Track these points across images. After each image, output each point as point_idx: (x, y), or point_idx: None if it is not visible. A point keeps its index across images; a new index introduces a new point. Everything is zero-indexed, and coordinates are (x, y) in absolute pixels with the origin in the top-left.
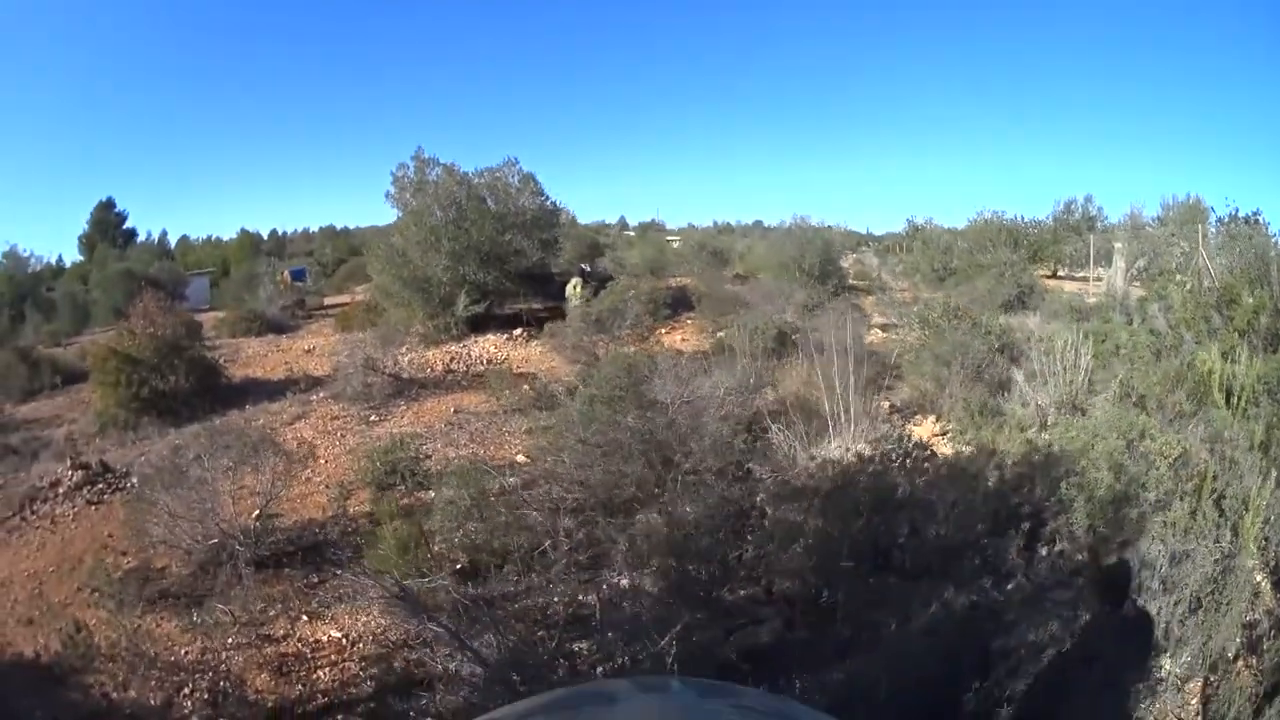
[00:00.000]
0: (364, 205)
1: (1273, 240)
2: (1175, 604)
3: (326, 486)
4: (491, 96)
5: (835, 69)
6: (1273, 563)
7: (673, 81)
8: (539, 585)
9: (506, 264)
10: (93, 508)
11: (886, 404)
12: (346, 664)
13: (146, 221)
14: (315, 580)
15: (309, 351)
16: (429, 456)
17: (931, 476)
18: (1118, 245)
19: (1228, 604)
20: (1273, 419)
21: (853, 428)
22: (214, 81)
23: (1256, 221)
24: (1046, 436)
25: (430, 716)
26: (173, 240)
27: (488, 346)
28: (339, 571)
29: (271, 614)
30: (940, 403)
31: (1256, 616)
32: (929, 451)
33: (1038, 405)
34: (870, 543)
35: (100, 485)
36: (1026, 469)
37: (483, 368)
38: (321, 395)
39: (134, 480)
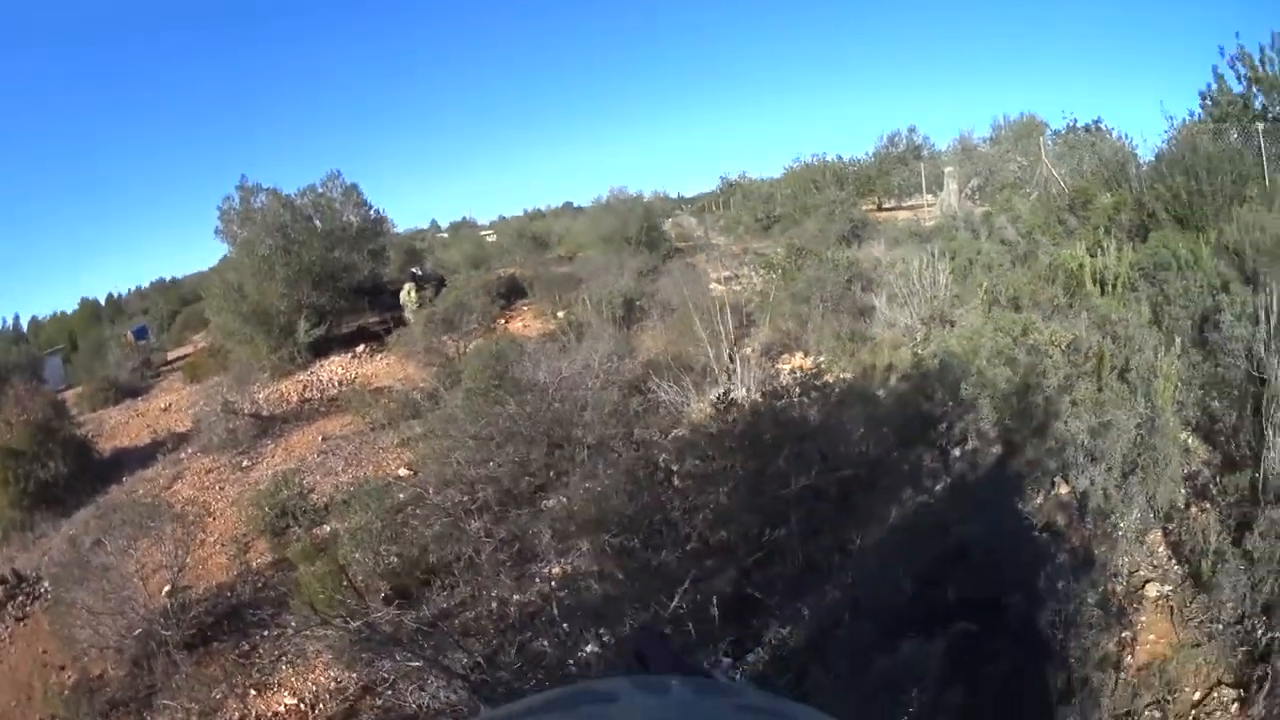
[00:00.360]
0: (189, 251)
1: (1123, 143)
2: (1108, 470)
3: (222, 545)
4: (300, 112)
5: (624, 38)
6: (1194, 421)
7: (461, 78)
8: (474, 595)
9: (339, 281)
10: (21, 624)
11: (749, 349)
12: None
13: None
14: (247, 648)
15: (166, 409)
16: (312, 490)
17: (832, 404)
18: (948, 169)
19: (1164, 461)
20: (1156, 298)
21: (739, 372)
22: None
23: (1099, 129)
24: (932, 347)
25: None
26: (25, 323)
27: (335, 368)
28: (282, 631)
29: (218, 696)
30: (805, 339)
31: (1195, 468)
32: (823, 381)
33: (905, 325)
34: (792, 474)
35: (20, 598)
36: (919, 380)
37: (336, 390)
38: (190, 451)
39: (46, 584)
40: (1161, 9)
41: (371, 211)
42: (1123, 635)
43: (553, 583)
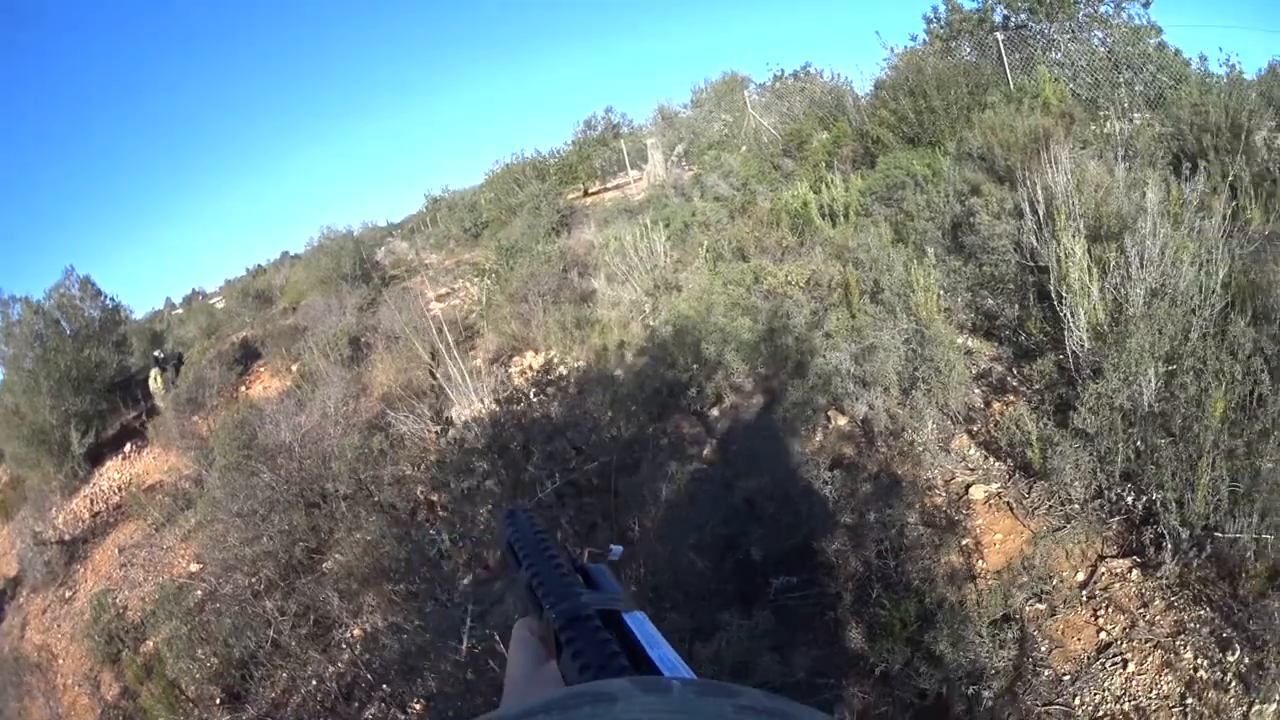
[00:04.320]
0: None
1: (836, 81)
2: (885, 391)
3: (79, 684)
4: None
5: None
6: (969, 324)
7: (153, 144)
8: (290, 678)
9: (94, 382)
10: None
11: (478, 360)
12: None
13: None
14: None
15: None
16: (125, 609)
17: (571, 395)
18: (650, 141)
19: (946, 368)
20: (895, 218)
21: (469, 385)
22: None
23: (808, 74)
24: (663, 315)
25: None
26: None
27: (112, 474)
28: None
29: None
30: (532, 336)
31: (985, 367)
32: (555, 375)
33: (630, 300)
34: (546, 476)
35: None
36: (656, 351)
37: (118, 497)
38: (25, 594)
39: None
40: None
41: (107, 301)
42: (963, 543)
43: (356, 646)
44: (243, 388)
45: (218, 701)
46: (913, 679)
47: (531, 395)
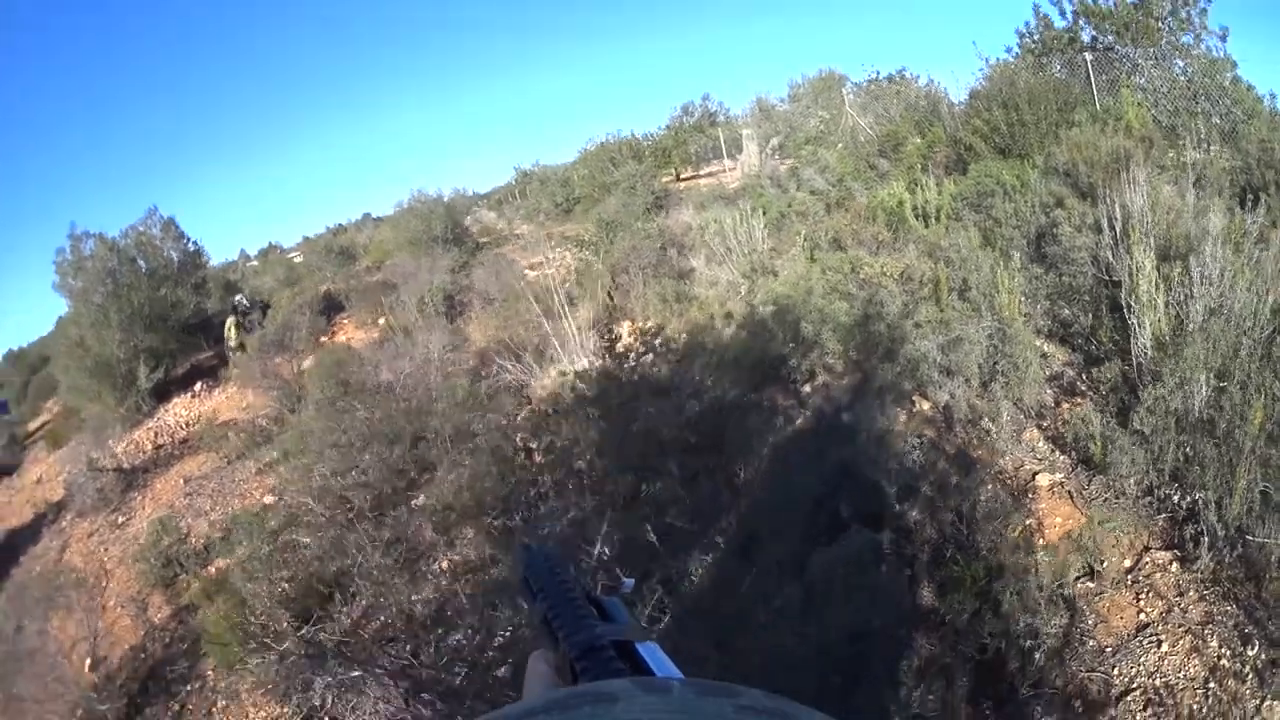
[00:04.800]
0: (29, 315)
1: (931, 87)
2: (966, 382)
3: (123, 606)
4: (98, 146)
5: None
6: (1045, 329)
7: (252, 101)
8: (375, 601)
9: (169, 321)
10: None
11: (577, 325)
12: None
13: None
14: (177, 708)
15: (39, 481)
16: (189, 534)
17: (676, 359)
18: (745, 132)
19: (1023, 365)
20: (984, 223)
21: (577, 345)
22: None
23: (903, 78)
24: (762, 295)
25: None
26: None
27: (179, 410)
28: (204, 682)
29: None
30: (630, 308)
31: (1057, 370)
32: (664, 337)
33: (728, 281)
34: (655, 429)
35: None
36: (756, 326)
37: (185, 432)
38: (69, 518)
39: None
40: None
41: (189, 244)
42: (1027, 522)
43: (443, 578)
44: (324, 337)
45: (284, 624)
46: (977, 631)
47: (639, 353)
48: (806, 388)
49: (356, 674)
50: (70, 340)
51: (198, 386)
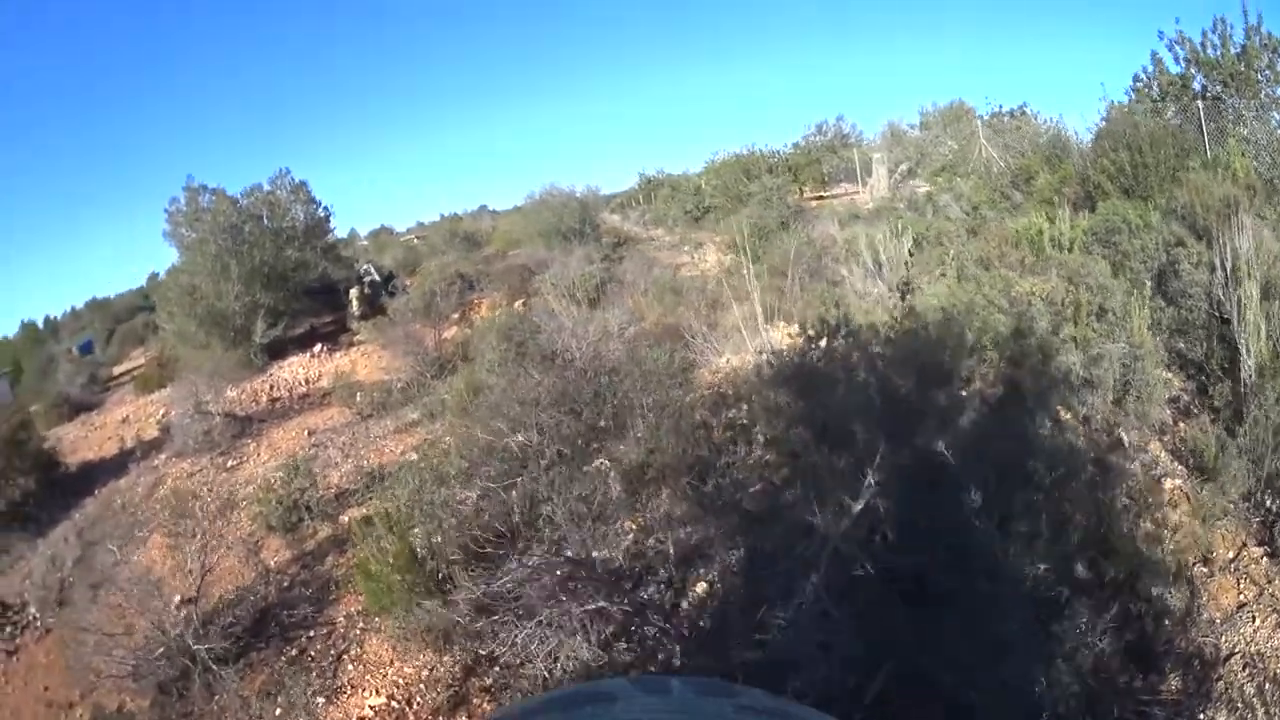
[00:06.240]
0: (117, 269)
1: (1055, 124)
2: (1102, 397)
3: (229, 547)
4: (223, 112)
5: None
6: (1163, 360)
7: (377, 85)
8: (554, 553)
9: (290, 281)
10: (13, 658)
11: (735, 320)
12: None
13: None
14: (295, 652)
15: (125, 421)
16: (315, 481)
17: (859, 352)
18: (876, 155)
19: (1151, 384)
20: (1113, 257)
21: (762, 334)
22: None
23: (1024, 113)
24: (921, 304)
25: None
26: None
27: (296, 368)
28: (332, 628)
29: (279, 712)
30: (787, 309)
31: (1174, 394)
32: (844, 331)
33: (877, 294)
34: (846, 415)
35: (8, 629)
36: (923, 331)
37: (304, 388)
38: (165, 456)
39: (34, 611)
40: None
41: (320, 210)
42: (1155, 515)
43: (631, 535)
44: (461, 312)
45: (458, 571)
46: (1131, 590)
47: (830, 340)
48: (963, 392)
49: (545, 621)
50: (181, 288)
51: (317, 348)
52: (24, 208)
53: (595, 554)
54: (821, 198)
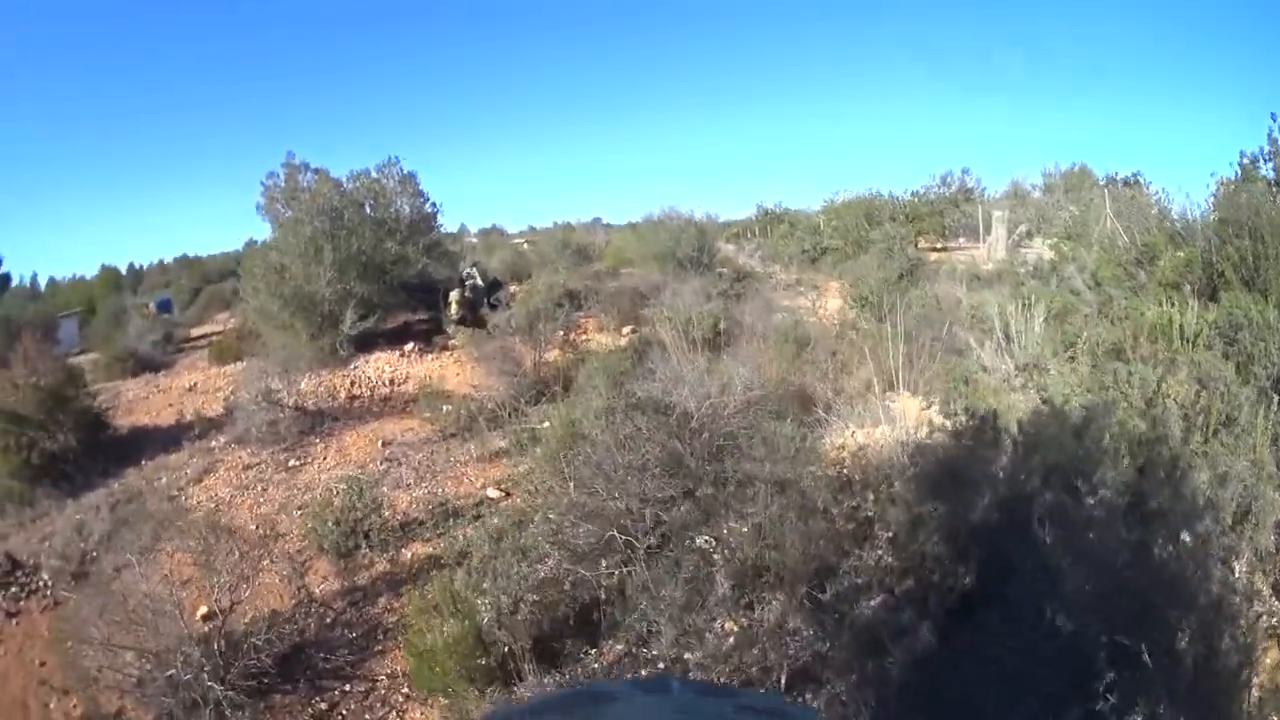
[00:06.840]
0: (214, 230)
1: (1163, 196)
2: (1218, 519)
3: (271, 562)
4: (335, 97)
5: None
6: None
7: (498, 83)
8: (631, 653)
9: (388, 274)
10: (14, 621)
11: (851, 386)
12: None
13: (19, 266)
14: (324, 706)
15: (191, 389)
16: (379, 505)
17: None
18: (997, 214)
19: (1270, 508)
20: (1237, 356)
21: (892, 407)
22: (56, 109)
23: (1138, 183)
24: (1053, 394)
25: None
26: (43, 283)
27: (383, 366)
28: (372, 686)
29: None
30: (909, 378)
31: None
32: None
33: (1004, 370)
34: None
35: (14, 589)
36: (1058, 427)
37: (387, 389)
38: (223, 440)
39: (46, 577)
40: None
41: (427, 204)
42: (1251, 657)
43: (730, 639)
44: (560, 333)
45: (524, 658)
46: None
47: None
48: (1090, 500)
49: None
50: (268, 264)
51: (408, 346)
52: (132, 151)
53: (688, 656)
54: (937, 249)
